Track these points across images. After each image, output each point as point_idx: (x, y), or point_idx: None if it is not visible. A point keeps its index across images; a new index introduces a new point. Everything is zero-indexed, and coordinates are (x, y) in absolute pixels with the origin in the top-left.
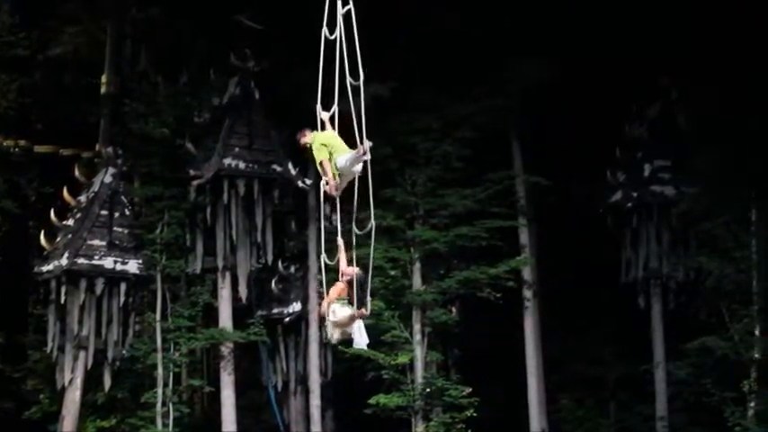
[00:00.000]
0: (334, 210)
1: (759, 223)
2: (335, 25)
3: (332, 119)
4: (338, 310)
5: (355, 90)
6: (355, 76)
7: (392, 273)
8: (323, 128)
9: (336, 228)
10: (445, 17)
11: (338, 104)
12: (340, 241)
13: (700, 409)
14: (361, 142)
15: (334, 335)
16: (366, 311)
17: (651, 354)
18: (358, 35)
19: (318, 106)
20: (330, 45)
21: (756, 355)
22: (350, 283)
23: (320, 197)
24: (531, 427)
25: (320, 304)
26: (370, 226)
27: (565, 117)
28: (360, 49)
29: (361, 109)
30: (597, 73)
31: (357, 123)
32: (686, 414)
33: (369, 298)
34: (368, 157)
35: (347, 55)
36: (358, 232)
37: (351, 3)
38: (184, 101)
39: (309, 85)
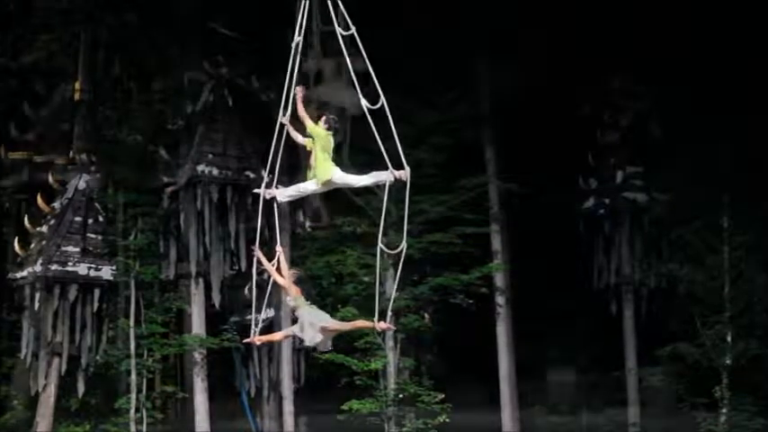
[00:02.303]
0: (305, 216)
1: (731, 230)
2: (310, 34)
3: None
4: (320, 315)
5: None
6: (371, 99)
7: (366, 279)
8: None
9: (308, 233)
10: (417, 23)
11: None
12: (279, 248)
13: (672, 415)
14: (399, 168)
15: (317, 338)
16: (391, 326)
17: (623, 360)
18: (332, 42)
19: (281, 110)
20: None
21: (728, 362)
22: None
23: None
24: None
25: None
26: (401, 248)
27: (538, 124)
28: (333, 54)
29: (394, 134)
30: (570, 79)
31: (384, 146)
32: (658, 420)
33: (390, 312)
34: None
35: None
36: (387, 251)
37: (353, 28)
38: (158, 108)
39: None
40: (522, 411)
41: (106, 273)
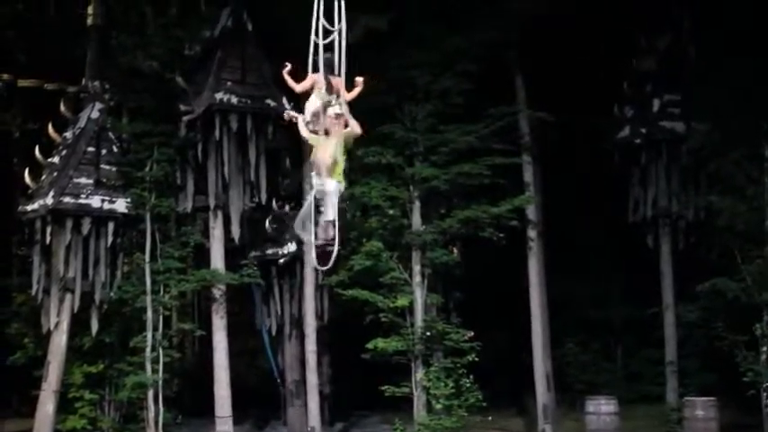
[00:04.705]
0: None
1: None
2: None
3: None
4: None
5: None
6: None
7: (391, 212)
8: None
9: None
10: None
11: None
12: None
13: (710, 354)
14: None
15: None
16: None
17: (660, 296)
18: None
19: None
20: None
21: None
22: None
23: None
24: (535, 372)
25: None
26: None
27: (570, 49)
28: None
29: None
30: (604, 2)
31: None
32: (696, 359)
33: None
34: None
35: None
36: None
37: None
38: (174, 33)
39: (305, 16)
40: (554, 350)
41: (120, 205)
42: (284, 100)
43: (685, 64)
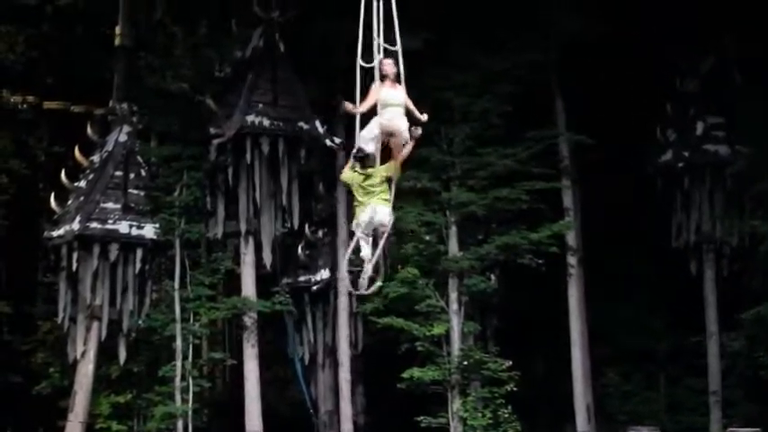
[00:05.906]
0: None
1: None
2: None
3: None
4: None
5: None
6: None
7: (427, 238)
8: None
9: None
10: None
11: None
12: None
13: (755, 383)
14: None
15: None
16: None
17: (703, 324)
18: None
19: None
20: None
21: None
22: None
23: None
24: (576, 403)
25: None
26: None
27: (612, 71)
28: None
29: None
30: (647, 23)
31: None
32: (741, 388)
33: None
34: None
35: None
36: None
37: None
38: (204, 54)
39: (338, 36)
40: (594, 380)
41: (149, 231)
42: (317, 123)
43: (729, 86)
